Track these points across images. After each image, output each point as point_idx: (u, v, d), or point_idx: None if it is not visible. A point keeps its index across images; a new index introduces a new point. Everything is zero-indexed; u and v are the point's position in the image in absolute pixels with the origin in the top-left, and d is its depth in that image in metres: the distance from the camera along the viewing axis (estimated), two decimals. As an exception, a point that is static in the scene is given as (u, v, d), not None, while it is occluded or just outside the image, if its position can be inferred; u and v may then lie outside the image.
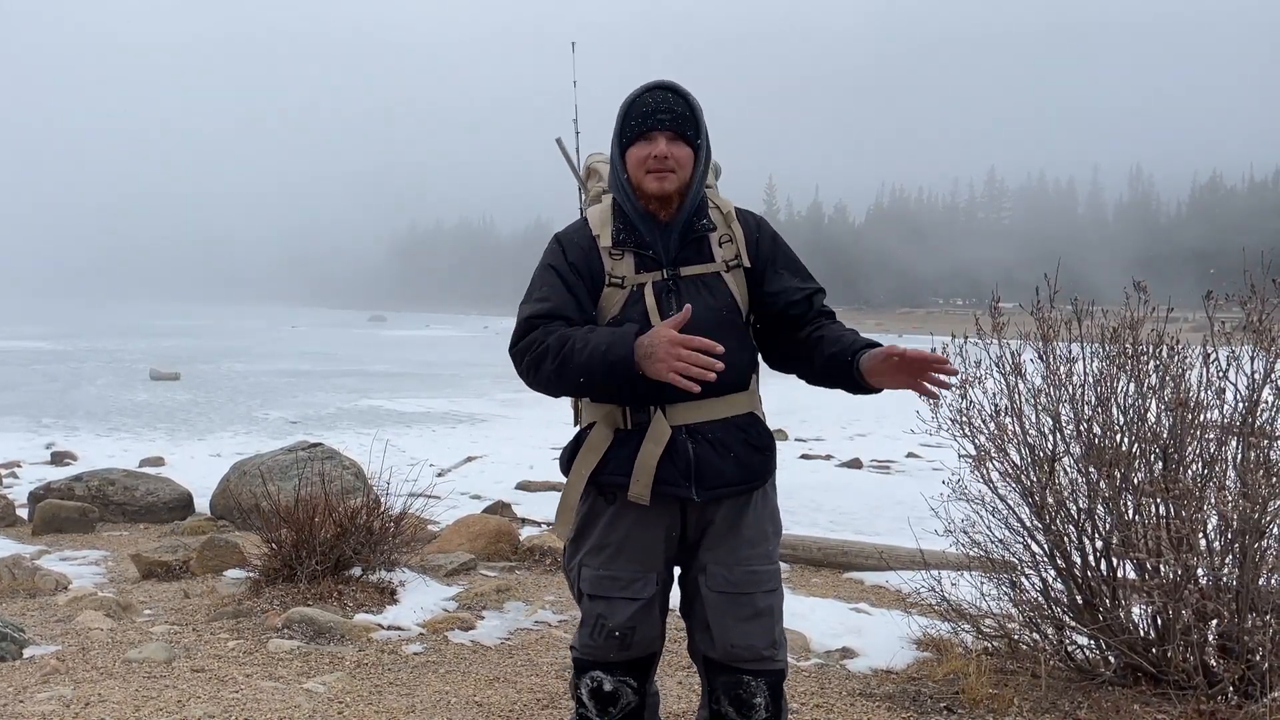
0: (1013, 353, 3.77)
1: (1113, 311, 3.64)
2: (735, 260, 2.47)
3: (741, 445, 2.42)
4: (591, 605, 2.50)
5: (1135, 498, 3.42)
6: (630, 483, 2.38)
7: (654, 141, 2.39)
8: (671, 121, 2.40)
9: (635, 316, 2.38)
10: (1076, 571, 3.57)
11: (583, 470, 2.43)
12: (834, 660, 4.10)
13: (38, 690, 3.49)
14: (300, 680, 3.66)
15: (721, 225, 2.49)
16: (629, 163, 2.43)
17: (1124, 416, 3.50)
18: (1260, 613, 3.24)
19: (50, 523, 7.18)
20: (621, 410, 2.42)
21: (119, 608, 4.62)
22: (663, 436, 2.37)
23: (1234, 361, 3.37)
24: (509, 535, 6.24)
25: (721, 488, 2.40)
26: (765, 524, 2.49)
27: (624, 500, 2.41)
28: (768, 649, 2.46)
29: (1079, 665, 3.63)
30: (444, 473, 10.87)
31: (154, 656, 3.84)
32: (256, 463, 7.95)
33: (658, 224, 2.44)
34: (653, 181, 2.39)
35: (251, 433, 15.60)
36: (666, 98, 2.42)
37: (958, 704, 3.46)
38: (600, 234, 2.46)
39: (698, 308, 2.37)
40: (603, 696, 2.53)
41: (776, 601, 2.50)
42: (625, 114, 2.44)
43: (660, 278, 2.41)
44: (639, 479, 2.37)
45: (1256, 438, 3.31)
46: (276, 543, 4.80)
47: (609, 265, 2.43)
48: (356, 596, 4.63)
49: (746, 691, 2.46)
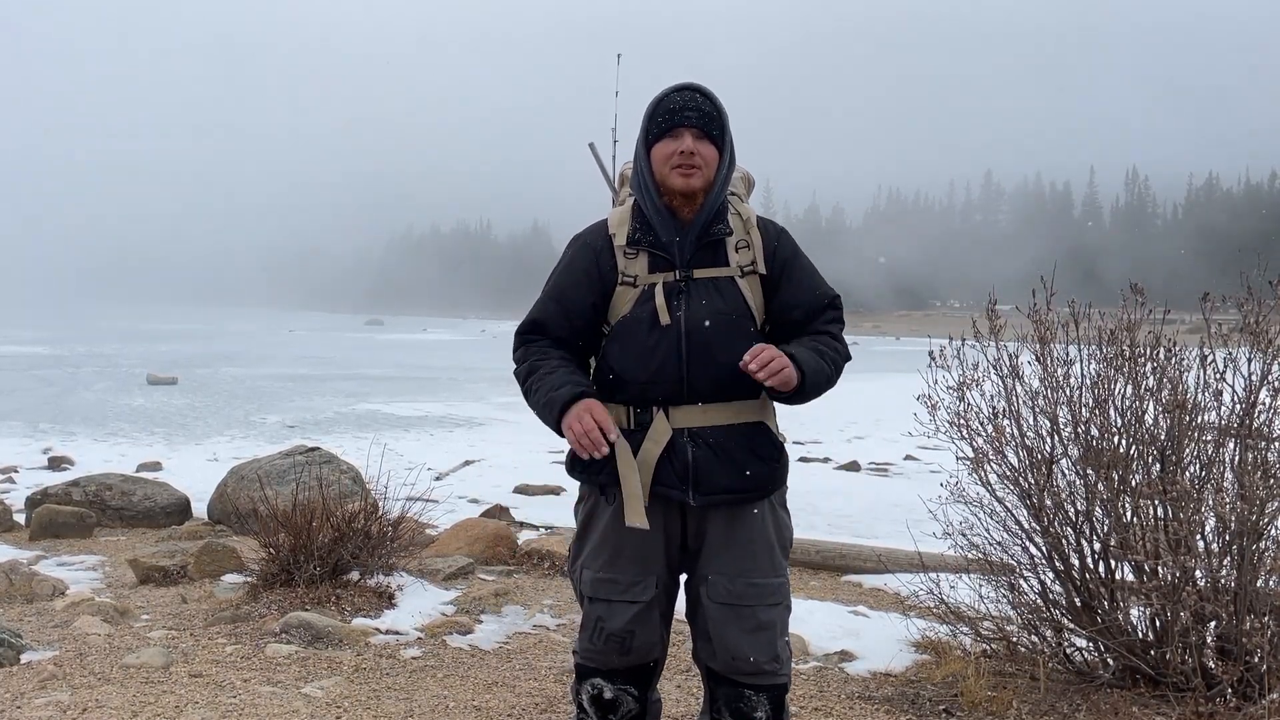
0: (1010, 355, 3.77)
1: (1110, 314, 3.65)
2: (751, 266, 2.47)
3: (744, 453, 2.41)
4: (591, 608, 2.50)
5: (1133, 500, 3.42)
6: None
7: (680, 138, 2.40)
8: (698, 119, 2.41)
9: (645, 315, 2.40)
10: (1075, 574, 3.57)
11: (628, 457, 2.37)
12: (833, 663, 4.10)
13: (35, 696, 3.48)
14: (298, 685, 3.65)
15: (740, 231, 2.49)
16: (654, 159, 2.44)
17: (1122, 419, 3.50)
18: (1258, 614, 3.24)
19: (47, 528, 7.16)
20: (626, 410, 2.43)
21: (116, 613, 4.61)
22: (662, 437, 2.38)
23: (1231, 363, 3.37)
24: (507, 539, 6.23)
25: (719, 494, 2.39)
26: (770, 536, 2.47)
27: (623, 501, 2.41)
28: (769, 663, 2.44)
29: (1077, 667, 3.63)
30: (442, 476, 10.87)
31: (151, 661, 3.83)
32: (254, 467, 7.94)
33: (677, 223, 2.45)
34: (678, 177, 2.40)
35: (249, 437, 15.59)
36: (694, 97, 2.43)
37: (956, 706, 3.46)
38: (616, 233, 2.49)
39: (705, 310, 2.39)
40: (603, 704, 2.53)
41: (780, 615, 2.47)
42: (652, 112, 2.45)
43: (673, 278, 2.42)
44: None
45: (1254, 439, 3.31)
46: (274, 547, 4.79)
47: (622, 264, 2.45)
48: (354, 601, 4.62)
49: (747, 705, 2.45)
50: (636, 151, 2.50)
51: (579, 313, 2.46)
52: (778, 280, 2.49)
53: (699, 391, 2.38)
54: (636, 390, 2.40)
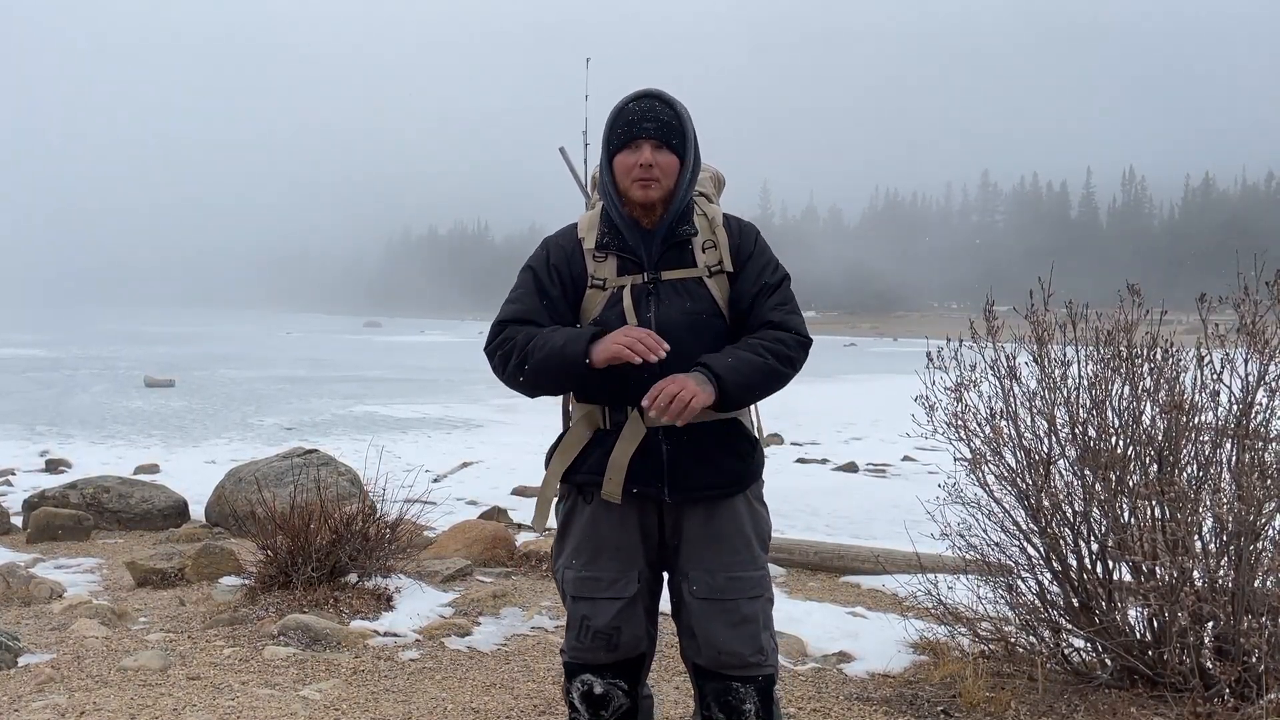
0: (1008, 356, 3.77)
1: (1107, 314, 3.65)
2: (718, 266, 2.49)
3: (718, 450, 2.44)
4: (576, 606, 2.52)
5: (1131, 500, 3.42)
6: (603, 481, 2.40)
7: (639, 150, 2.41)
8: (657, 130, 2.42)
9: (614, 318, 2.43)
10: (1072, 574, 3.58)
11: (557, 466, 2.49)
12: (831, 664, 4.10)
13: (32, 699, 3.47)
14: (296, 687, 3.65)
15: (705, 231, 2.51)
16: (616, 170, 2.46)
17: (1119, 419, 3.51)
18: (1256, 615, 3.25)
19: (45, 530, 7.15)
20: (601, 410, 2.45)
21: (114, 615, 4.61)
22: (636, 435, 2.40)
23: (1228, 364, 3.38)
24: (505, 540, 6.22)
25: (694, 490, 2.42)
26: (748, 530, 2.49)
27: (600, 500, 2.44)
28: (754, 655, 2.46)
29: (1075, 668, 3.63)
30: (440, 478, 10.88)
31: (149, 664, 3.83)
32: (252, 469, 7.93)
33: (641, 230, 2.47)
34: (638, 190, 2.42)
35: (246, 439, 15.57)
36: (653, 106, 2.44)
37: (954, 707, 3.46)
38: (586, 237, 2.52)
39: (675, 311, 2.42)
40: (594, 700, 2.54)
41: (762, 607, 2.50)
42: (612, 122, 2.46)
43: (640, 281, 2.45)
44: (611, 477, 2.41)
45: (1251, 440, 3.32)
46: (272, 549, 4.78)
47: (592, 268, 2.48)
48: (352, 603, 4.62)
49: (735, 698, 2.47)
50: (600, 160, 2.52)
51: (554, 302, 2.48)
52: (739, 275, 2.50)
53: None
54: (610, 391, 2.41)
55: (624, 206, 2.47)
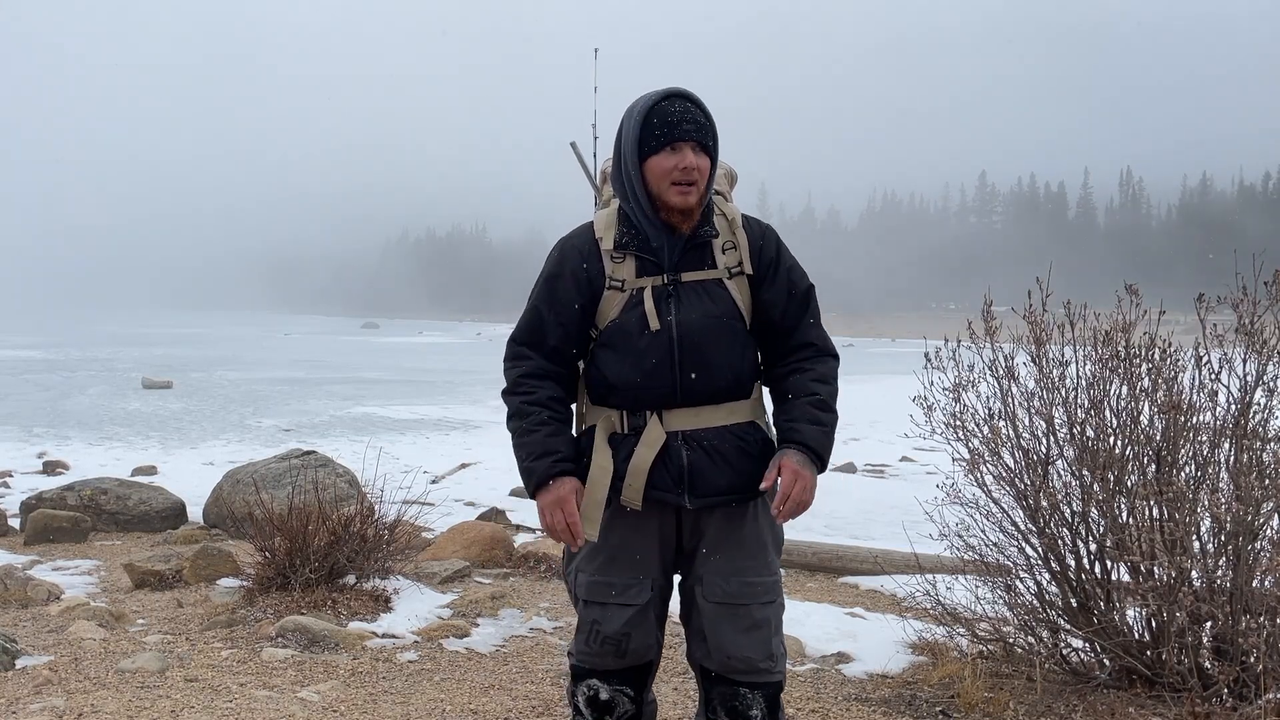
0: (1006, 356, 3.77)
1: (1105, 315, 3.65)
2: (738, 267, 2.45)
3: (738, 454, 2.41)
4: (587, 611, 2.49)
5: (1129, 500, 3.42)
6: (623, 487, 2.38)
7: (681, 152, 2.34)
8: (696, 132, 2.36)
9: (634, 320, 2.39)
10: (1071, 574, 3.58)
11: (604, 463, 2.39)
12: (829, 665, 4.10)
13: (30, 701, 3.47)
14: (294, 689, 3.65)
15: (725, 232, 2.47)
16: (652, 173, 2.37)
17: (1117, 419, 3.51)
18: (1254, 615, 3.24)
19: (42, 532, 7.14)
20: (619, 414, 2.42)
21: (112, 617, 4.60)
22: (656, 441, 2.37)
23: (1226, 364, 3.38)
24: (503, 542, 6.22)
25: (714, 496, 2.39)
26: (764, 534, 2.48)
27: (618, 506, 2.41)
28: (764, 661, 2.45)
29: (1074, 668, 3.63)
30: (438, 479, 10.86)
31: (147, 666, 3.82)
32: (249, 471, 7.92)
33: (669, 232, 2.41)
34: (677, 195, 2.36)
35: (244, 441, 15.54)
36: (689, 108, 2.38)
37: (953, 708, 3.46)
38: (604, 236, 2.45)
39: (695, 313, 2.38)
40: (599, 705, 2.53)
41: (774, 613, 2.48)
42: (645, 122, 2.38)
43: (660, 282, 2.40)
44: (631, 483, 2.37)
45: (1249, 440, 3.32)
46: (270, 551, 4.78)
47: (610, 268, 2.43)
48: (351, 604, 4.62)
49: (742, 703, 2.46)
50: (624, 159, 2.42)
51: (570, 318, 2.43)
52: (762, 279, 2.48)
53: (692, 395, 2.38)
54: (629, 395, 2.39)
55: (656, 210, 2.40)
